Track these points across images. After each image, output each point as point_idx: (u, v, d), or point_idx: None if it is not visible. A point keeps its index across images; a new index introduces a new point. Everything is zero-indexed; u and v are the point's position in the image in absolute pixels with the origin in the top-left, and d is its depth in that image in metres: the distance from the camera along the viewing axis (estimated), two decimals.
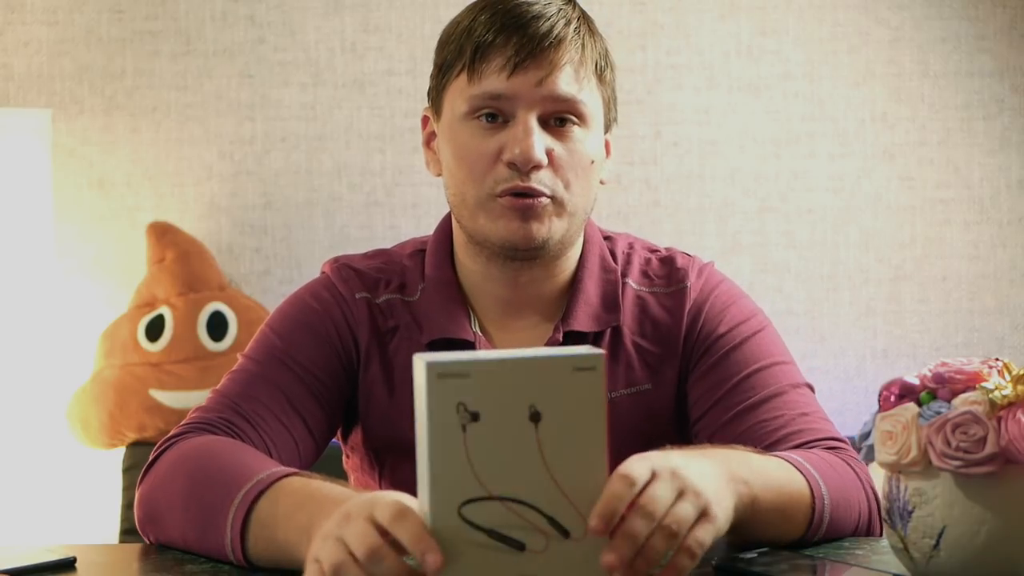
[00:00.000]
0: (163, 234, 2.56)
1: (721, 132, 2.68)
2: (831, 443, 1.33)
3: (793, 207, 2.69)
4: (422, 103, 2.66)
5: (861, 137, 2.69)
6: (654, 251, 1.49)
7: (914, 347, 2.70)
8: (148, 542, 1.29)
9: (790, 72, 2.68)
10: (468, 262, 1.42)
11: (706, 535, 1.02)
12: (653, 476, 1.00)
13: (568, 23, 1.36)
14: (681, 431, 1.42)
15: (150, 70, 2.65)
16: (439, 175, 1.43)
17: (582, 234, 1.43)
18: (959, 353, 2.67)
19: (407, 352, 1.40)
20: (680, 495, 1.01)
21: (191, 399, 2.46)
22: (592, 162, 1.37)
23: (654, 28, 2.67)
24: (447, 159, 1.39)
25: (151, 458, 1.31)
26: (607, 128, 1.42)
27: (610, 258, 1.46)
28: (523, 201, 1.33)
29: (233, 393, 1.37)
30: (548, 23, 1.34)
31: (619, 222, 2.59)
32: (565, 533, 0.96)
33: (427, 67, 2.94)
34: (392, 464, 1.44)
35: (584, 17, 1.39)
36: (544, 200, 1.34)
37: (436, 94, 1.42)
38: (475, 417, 0.93)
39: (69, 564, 1.20)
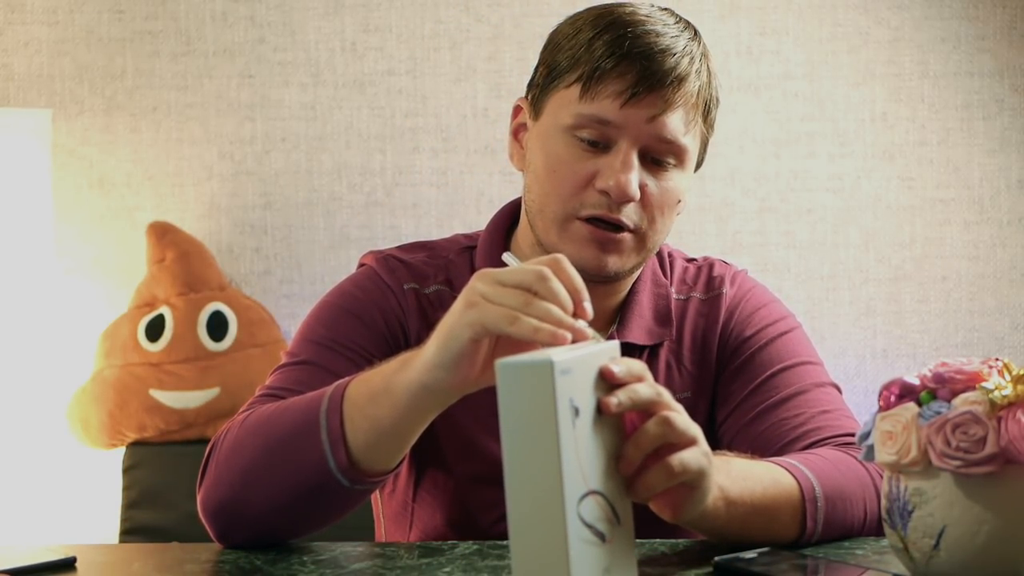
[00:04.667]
0: (163, 234, 2.56)
1: (721, 132, 2.67)
2: (847, 439, 1.32)
3: (793, 207, 2.69)
4: (422, 103, 2.68)
5: (861, 137, 2.69)
6: (691, 260, 1.50)
7: (914, 347, 2.70)
8: (226, 544, 1.25)
9: (790, 72, 2.68)
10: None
11: (687, 503, 1.05)
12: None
13: (692, 61, 1.32)
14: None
15: (150, 70, 2.65)
16: (522, 170, 1.40)
17: None
18: (959, 353, 2.67)
19: None
20: (695, 443, 1.03)
21: (191, 399, 2.46)
22: (679, 201, 1.37)
23: None
24: (536, 163, 1.36)
25: (205, 458, 1.26)
26: (698, 165, 1.41)
27: (660, 272, 1.46)
28: (605, 233, 1.32)
29: (278, 385, 1.32)
30: (674, 59, 1.30)
31: None
32: (618, 519, 0.98)
33: (427, 67, 2.92)
34: (437, 463, 1.41)
35: (706, 55, 1.36)
36: (626, 235, 1.33)
37: (539, 93, 1.37)
38: (577, 412, 0.93)
39: (69, 564, 1.20)
